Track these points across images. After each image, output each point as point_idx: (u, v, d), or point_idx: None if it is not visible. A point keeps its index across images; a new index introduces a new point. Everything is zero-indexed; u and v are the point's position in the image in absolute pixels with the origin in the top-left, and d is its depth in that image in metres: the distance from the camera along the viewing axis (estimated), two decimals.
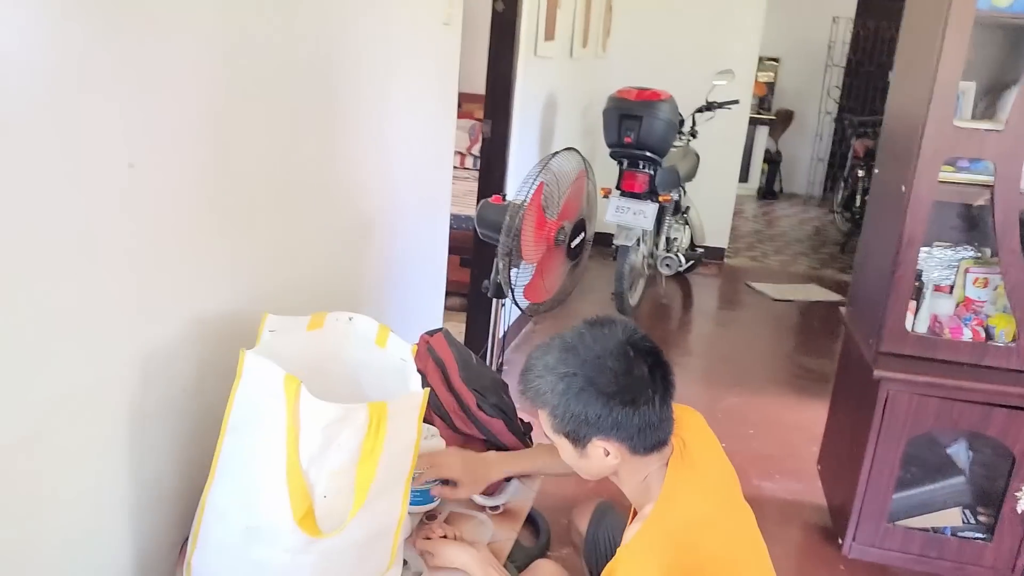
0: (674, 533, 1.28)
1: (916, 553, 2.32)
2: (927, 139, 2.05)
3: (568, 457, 1.38)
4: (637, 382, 1.28)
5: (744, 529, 1.43)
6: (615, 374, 1.27)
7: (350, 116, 1.91)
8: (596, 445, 1.31)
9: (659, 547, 1.26)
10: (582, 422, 1.29)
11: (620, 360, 1.28)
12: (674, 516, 1.30)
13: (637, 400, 1.27)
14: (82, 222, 1.14)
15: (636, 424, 1.28)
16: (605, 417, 1.28)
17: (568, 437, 1.33)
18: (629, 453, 1.32)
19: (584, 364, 1.29)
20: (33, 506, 1.15)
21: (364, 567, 1.36)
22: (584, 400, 1.28)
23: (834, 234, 7.61)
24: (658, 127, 4.12)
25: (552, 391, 1.30)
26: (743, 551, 1.40)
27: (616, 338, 1.30)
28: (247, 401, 1.28)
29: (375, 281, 2.23)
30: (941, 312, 2.36)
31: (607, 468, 1.36)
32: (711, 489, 1.40)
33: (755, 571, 1.42)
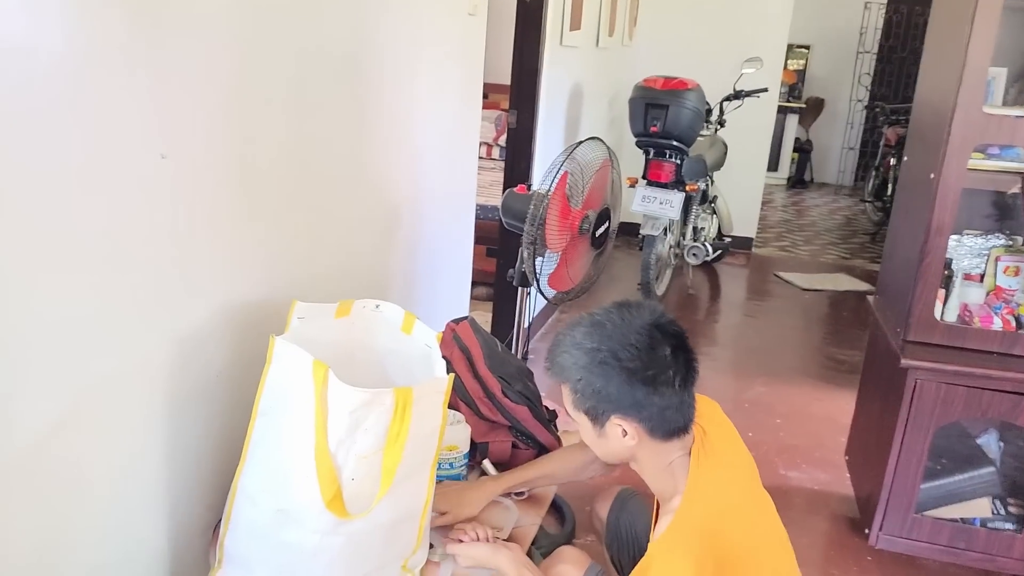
0: (704, 525, 1.28)
1: (944, 544, 2.30)
2: (956, 126, 2.03)
3: (587, 436, 1.39)
4: (659, 361, 1.29)
5: (766, 516, 1.44)
6: (637, 351, 1.28)
7: (376, 107, 1.94)
8: (614, 424, 1.32)
9: (691, 541, 1.26)
10: (601, 398, 1.30)
11: (644, 338, 1.29)
12: (703, 508, 1.30)
13: (657, 379, 1.28)
14: (117, 210, 1.17)
15: (655, 404, 1.29)
16: (625, 394, 1.28)
17: (588, 414, 1.34)
18: (647, 436, 1.32)
19: (608, 339, 1.30)
20: (70, 488, 1.19)
21: (391, 549, 1.39)
22: (604, 374, 1.29)
23: (865, 223, 7.52)
24: (685, 116, 4.10)
25: (575, 365, 1.32)
26: (766, 537, 1.41)
27: (643, 318, 1.31)
28: (277, 386, 1.31)
29: (402, 270, 2.26)
30: (971, 301, 2.33)
31: (625, 450, 1.36)
32: (734, 478, 1.40)
33: (778, 557, 1.42)
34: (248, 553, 1.37)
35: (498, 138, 5.38)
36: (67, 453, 1.17)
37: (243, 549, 1.37)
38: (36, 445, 1.10)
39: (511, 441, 1.81)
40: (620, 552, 1.75)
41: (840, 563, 2.40)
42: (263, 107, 1.49)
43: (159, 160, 1.23)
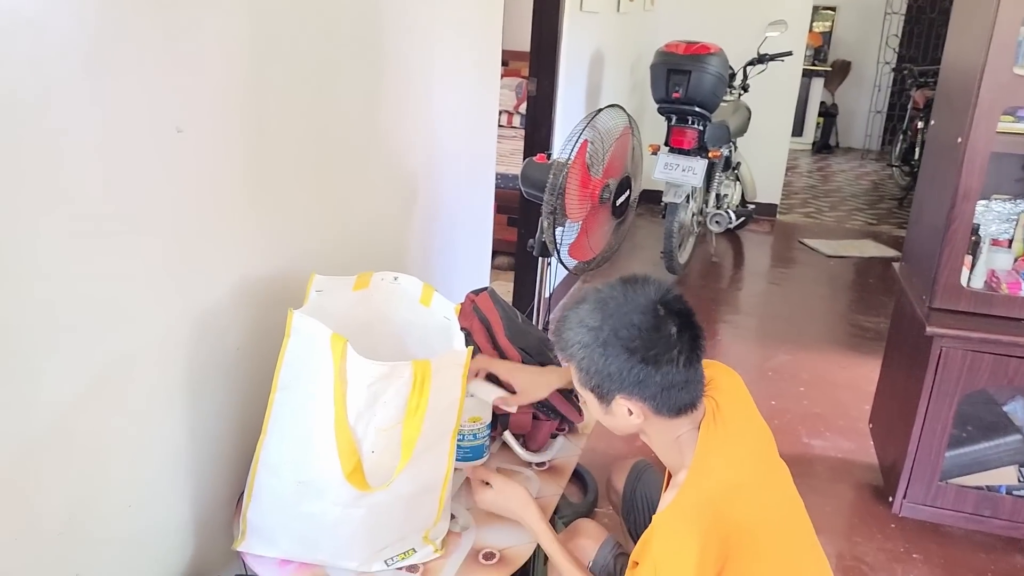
0: (709, 500, 1.28)
1: (969, 511, 2.29)
2: (985, 88, 1.98)
3: (595, 413, 1.38)
4: (662, 340, 1.27)
5: (780, 491, 1.42)
6: (640, 330, 1.26)
7: (393, 76, 1.92)
8: (619, 403, 1.31)
9: (694, 515, 1.26)
10: (605, 377, 1.29)
11: (647, 317, 1.27)
12: (708, 483, 1.29)
13: (660, 359, 1.26)
14: (134, 186, 1.18)
15: (658, 383, 1.27)
16: (627, 373, 1.27)
17: (593, 392, 1.33)
18: (653, 413, 1.31)
19: (611, 318, 1.28)
20: (96, 461, 1.20)
21: (412, 520, 1.40)
22: (607, 354, 1.28)
23: (892, 189, 7.41)
24: (707, 81, 4.04)
25: (579, 344, 1.30)
26: (779, 514, 1.39)
27: (648, 296, 1.29)
28: (296, 360, 1.32)
29: (421, 241, 2.25)
30: (998, 267, 2.29)
31: (632, 427, 1.36)
32: (745, 452, 1.39)
33: (792, 532, 1.41)
34: (271, 524, 1.39)
35: (518, 106, 5.33)
36: (91, 427, 1.18)
37: (266, 521, 1.39)
38: (62, 419, 1.12)
39: (532, 412, 1.81)
40: (636, 523, 1.75)
41: (864, 531, 2.40)
42: (279, 81, 1.48)
43: (175, 135, 1.23)
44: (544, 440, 1.83)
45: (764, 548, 1.33)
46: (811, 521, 1.44)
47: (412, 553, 1.42)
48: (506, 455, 1.79)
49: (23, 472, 1.08)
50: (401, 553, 1.41)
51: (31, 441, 1.08)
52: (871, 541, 2.35)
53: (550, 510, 1.64)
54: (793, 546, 1.41)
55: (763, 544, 1.33)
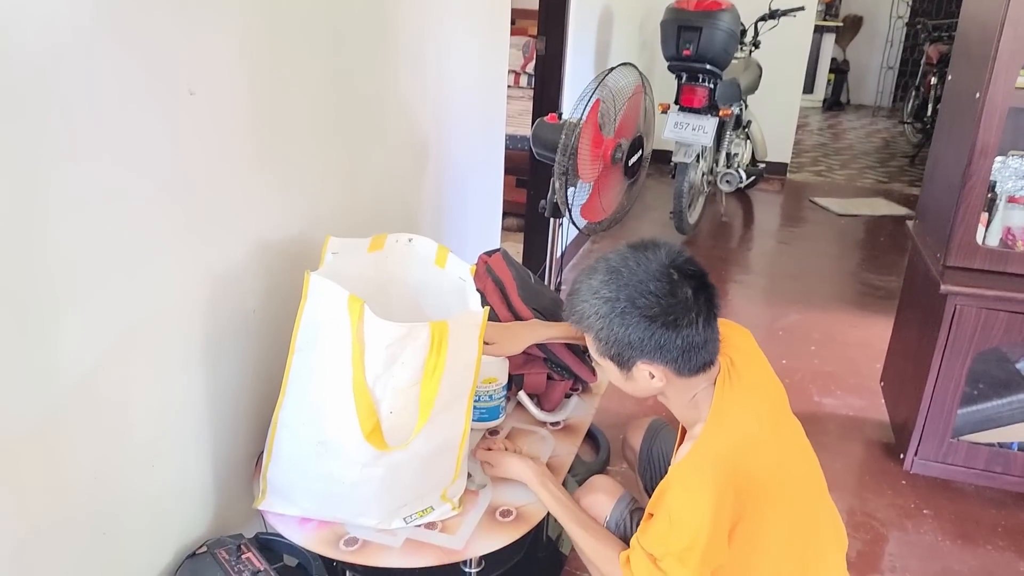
0: (725, 453, 1.30)
1: (980, 468, 2.30)
2: (1004, 41, 1.94)
3: (615, 379, 1.39)
4: (680, 304, 1.27)
5: (794, 445, 1.44)
6: (657, 297, 1.27)
7: (402, 36, 1.90)
8: (641, 368, 1.32)
9: (711, 466, 1.28)
10: (625, 346, 1.30)
11: (663, 282, 1.28)
12: (724, 436, 1.31)
13: (679, 322, 1.27)
14: (148, 148, 1.17)
15: (679, 346, 1.28)
16: (648, 340, 1.28)
17: (613, 360, 1.34)
18: (674, 375, 1.32)
19: (626, 287, 1.28)
20: (119, 421, 1.22)
21: (430, 479, 1.41)
22: (627, 323, 1.28)
23: (904, 146, 7.34)
24: (718, 38, 3.98)
25: (596, 315, 1.31)
26: (793, 467, 1.41)
27: (660, 261, 1.29)
28: (313, 322, 1.32)
29: (432, 202, 2.25)
30: (1015, 224, 2.27)
31: (653, 390, 1.37)
32: (759, 407, 1.40)
33: (805, 486, 1.43)
34: (291, 484, 1.41)
35: (526, 65, 5.27)
36: (114, 388, 1.19)
37: (286, 480, 1.41)
38: (85, 380, 1.13)
39: (546, 373, 1.82)
40: (652, 480, 1.77)
41: (874, 487, 2.41)
42: (291, 43, 1.47)
43: (188, 97, 1.22)
44: (558, 400, 1.84)
45: (778, 501, 1.35)
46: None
47: (430, 511, 1.44)
48: (521, 415, 1.81)
49: (48, 433, 1.09)
50: (419, 511, 1.43)
51: (57, 402, 1.09)
52: (881, 497, 2.37)
53: (565, 468, 1.65)
54: (807, 499, 1.43)
55: (777, 497, 1.34)
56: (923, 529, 2.25)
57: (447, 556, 1.38)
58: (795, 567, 1.40)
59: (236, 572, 1.34)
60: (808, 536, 1.42)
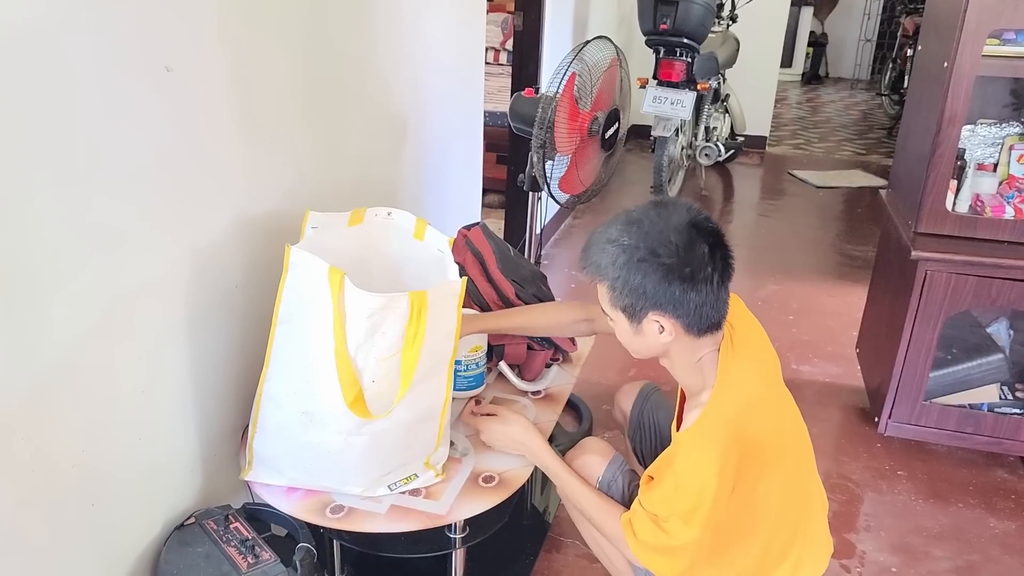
0: (731, 418, 1.33)
1: (952, 429, 2.36)
2: (971, 10, 1.97)
3: (623, 333, 1.40)
4: (697, 258, 1.29)
5: (788, 408, 1.48)
6: (676, 247, 1.28)
7: (378, 12, 1.91)
8: (651, 320, 1.33)
9: (719, 432, 1.31)
10: (640, 295, 1.31)
11: (682, 235, 1.29)
12: (730, 402, 1.34)
13: (696, 276, 1.28)
14: (126, 125, 1.18)
15: (693, 301, 1.29)
16: (663, 290, 1.29)
17: (625, 312, 1.35)
18: (683, 331, 1.33)
19: (646, 236, 1.30)
20: (104, 396, 1.24)
21: (413, 447, 1.45)
22: (643, 271, 1.29)
23: (881, 118, 7.40)
24: (695, 12, 3.99)
25: (613, 263, 1.32)
26: (788, 430, 1.46)
27: (680, 216, 1.31)
28: (295, 294, 1.35)
29: (412, 178, 2.27)
30: (983, 191, 2.32)
31: (660, 346, 1.38)
32: (761, 371, 1.44)
33: (799, 449, 1.49)
34: (276, 454, 1.44)
35: (505, 42, 5.25)
36: (98, 363, 1.21)
37: (271, 450, 1.44)
38: (70, 356, 1.15)
39: (526, 343, 1.85)
40: (642, 443, 1.81)
41: (850, 450, 2.47)
42: (269, 19, 1.47)
43: (165, 74, 1.24)
44: (539, 370, 1.87)
45: (777, 463, 1.40)
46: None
47: (414, 478, 1.47)
48: (502, 385, 1.84)
49: (36, 407, 1.11)
50: (404, 478, 1.46)
51: (42, 377, 1.11)
52: (857, 460, 2.43)
53: (546, 436, 1.69)
54: (800, 462, 1.48)
55: (776, 459, 1.39)
56: (897, 489, 2.31)
57: (431, 521, 1.41)
58: (789, 529, 1.45)
59: (224, 542, 1.37)
60: (801, 498, 1.48)
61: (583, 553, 1.99)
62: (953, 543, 2.11)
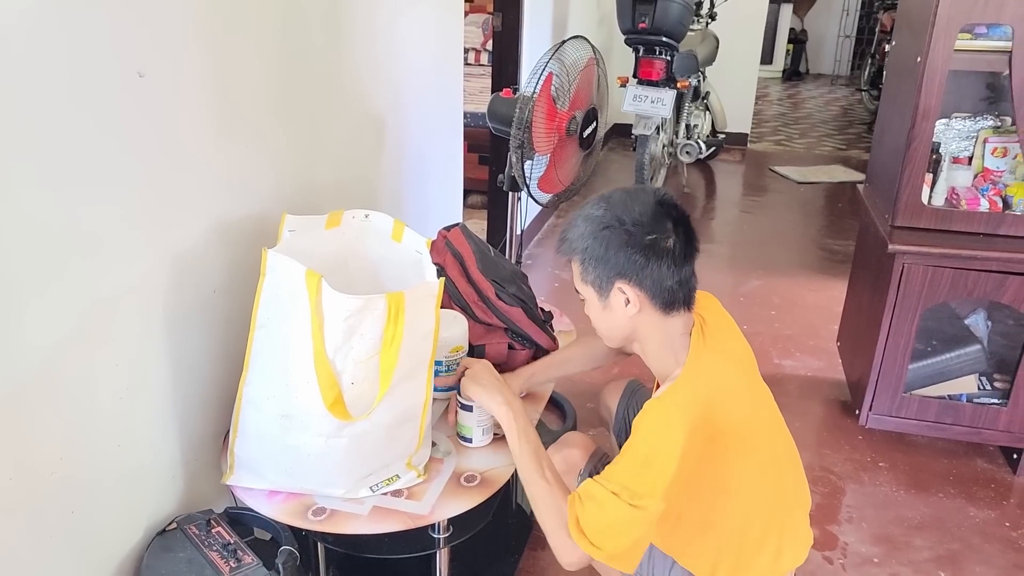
0: (700, 396, 1.34)
1: (932, 420, 2.38)
2: (942, 6, 2.00)
3: (593, 311, 1.43)
4: (660, 229, 1.33)
5: (764, 403, 1.49)
6: (640, 217, 1.33)
7: (355, 12, 1.91)
8: (617, 291, 1.36)
9: (687, 405, 1.32)
10: (604, 263, 1.35)
11: (647, 208, 1.34)
12: (701, 381, 1.36)
13: (657, 245, 1.32)
14: (100, 131, 1.18)
15: (654, 271, 1.33)
16: (625, 257, 1.33)
17: (593, 285, 1.39)
18: (649, 304, 1.36)
19: (613, 207, 1.36)
20: (83, 402, 1.24)
21: (394, 448, 1.45)
22: (607, 239, 1.34)
23: (861, 113, 7.45)
24: (673, 10, 4.01)
25: (581, 236, 1.38)
26: (763, 422, 1.47)
27: (649, 196, 1.37)
28: (273, 297, 1.35)
29: (392, 180, 2.27)
30: (959, 184, 2.35)
31: (627, 322, 1.39)
32: (733, 363, 1.46)
33: (775, 442, 1.49)
34: (258, 458, 1.44)
35: (485, 43, 5.27)
36: (77, 370, 1.21)
37: (252, 454, 1.44)
38: (48, 362, 1.15)
39: (507, 342, 1.85)
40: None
41: (832, 443, 2.49)
42: (242, 22, 1.47)
43: (137, 79, 1.24)
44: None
45: (747, 451, 1.41)
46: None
47: (396, 479, 1.47)
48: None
49: (14, 414, 1.11)
50: (385, 479, 1.46)
51: (20, 384, 1.11)
52: (839, 452, 2.45)
53: None
54: (774, 455, 1.49)
55: (746, 447, 1.40)
56: (879, 481, 2.33)
57: (413, 521, 1.42)
58: (764, 520, 1.46)
59: (206, 546, 1.37)
60: (776, 490, 1.48)
61: None
62: (934, 533, 2.13)
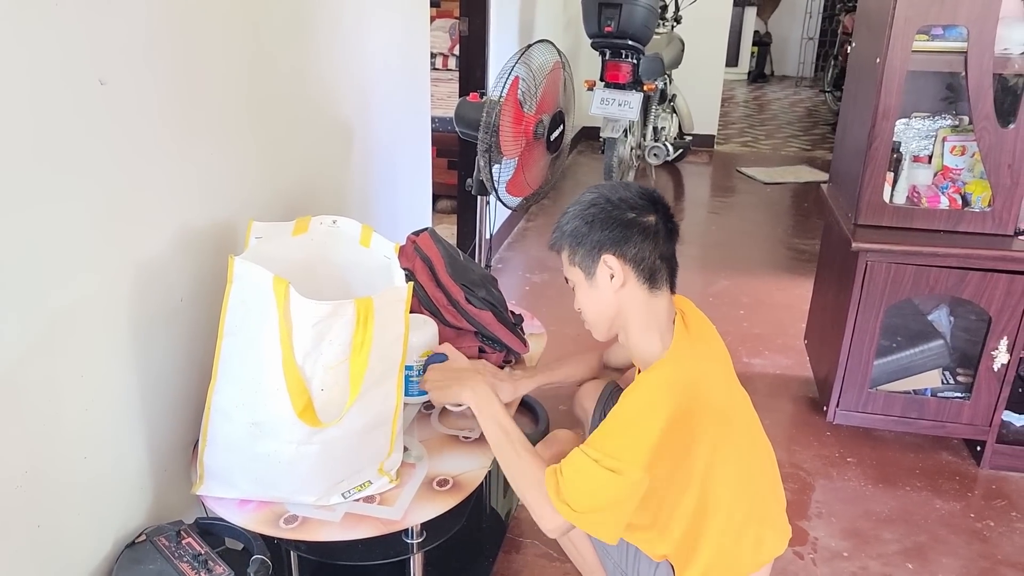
0: (686, 376, 1.39)
1: (897, 415, 2.42)
2: (899, 8, 2.04)
3: (580, 293, 1.48)
4: (642, 209, 1.41)
5: (741, 399, 1.52)
6: (623, 198, 1.42)
7: (319, 18, 1.91)
8: (602, 267, 1.41)
9: (673, 382, 1.37)
10: (588, 240, 1.41)
11: (634, 193, 1.43)
12: (686, 364, 1.41)
13: (639, 218, 1.40)
14: (62, 140, 1.17)
15: (636, 242, 1.39)
16: (609, 231, 1.40)
17: (580, 265, 1.44)
18: (634, 277, 1.41)
19: (599, 191, 1.45)
20: (47, 415, 1.22)
21: (366, 454, 1.45)
22: (591, 217, 1.41)
23: (826, 114, 7.56)
24: (639, 14, 4.05)
25: (570, 219, 1.45)
26: (742, 414, 1.51)
27: (635, 186, 1.47)
28: (240, 305, 1.34)
29: (360, 185, 2.26)
30: (919, 182, 2.39)
31: (613, 298, 1.43)
32: (713, 353, 1.51)
33: (752, 432, 1.53)
34: (228, 466, 1.43)
35: (453, 48, 5.27)
36: (40, 382, 1.19)
37: (222, 463, 1.43)
38: (10, 375, 1.13)
39: (478, 346, 1.86)
40: None
41: (801, 440, 2.53)
42: (204, 28, 1.47)
43: (98, 87, 1.22)
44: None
45: (730, 435, 1.44)
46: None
47: (368, 485, 1.47)
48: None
49: None
50: (357, 486, 1.46)
51: None
52: (808, 449, 2.49)
53: None
54: (754, 442, 1.53)
55: (728, 431, 1.44)
56: (847, 476, 2.37)
57: (386, 527, 1.41)
58: (747, 505, 1.48)
59: (176, 558, 1.36)
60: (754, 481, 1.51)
61: (542, 553, 2.01)
62: (901, 525, 2.16)
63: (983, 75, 2.08)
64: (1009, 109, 2.20)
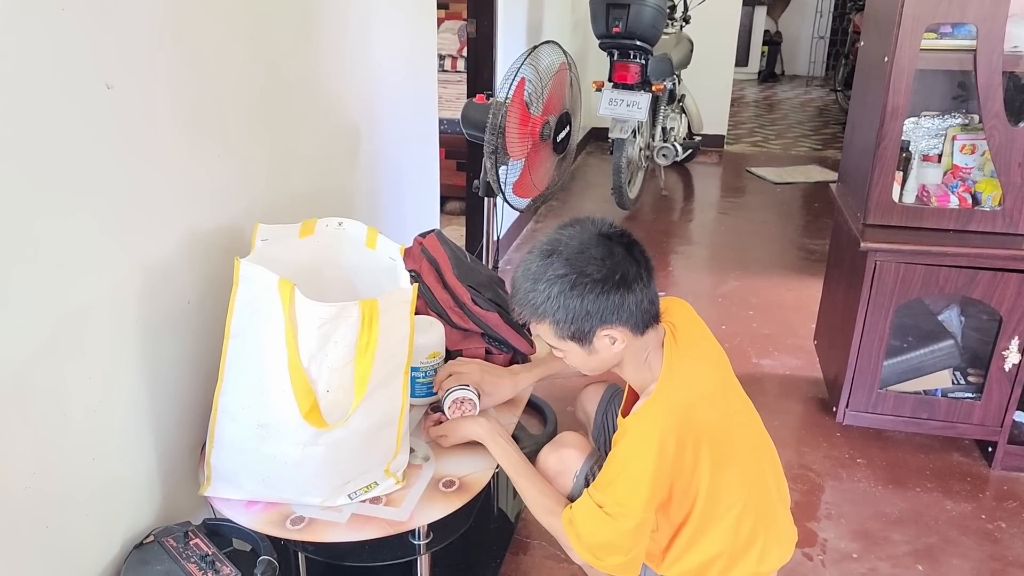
0: (677, 404, 1.37)
1: (907, 415, 2.40)
2: (908, 6, 2.03)
3: (576, 360, 1.43)
4: (621, 263, 1.33)
5: (740, 403, 1.52)
6: (600, 260, 1.32)
7: (324, 21, 1.91)
8: (601, 336, 1.36)
9: (661, 417, 1.36)
10: (584, 317, 1.33)
11: (599, 248, 1.33)
12: (676, 390, 1.39)
13: (627, 278, 1.33)
14: (70, 143, 1.18)
15: (632, 303, 1.33)
16: (604, 303, 1.32)
17: (574, 339, 1.37)
18: (632, 335, 1.37)
19: (568, 262, 1.33)
20: (55, 417, 1.23)
21: (372, 455, 1.45)
22: (580, 294, 1.32)
23: (836, 113, 7.52)
24: (647, 14, 4.04)
25: (547, 299, 1.34)
26: (741, 422, 1.51)
27: (588, 231, 1.36)
28: (246, 307, 1.34)
29: (368, 188, 2.27)
30: (929, 181, 2.38)
31: (615, 357, 1.41)
32: (705, 367, 1.49)
33: (752, 439, 1.52)
34: (234, 468, 1.44)
35: (462, 50, 5.27)
36: (48, 384, 1.20)
37: (229, 464, 1.44)
38: (18, 377, 1.14)
39: (484, 347, 1.86)
40: (606, 444, 1.83)
41: (811, 441, 2.51)
42: (211, 31, 1.47)
43: (105, 91, 1.23)
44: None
45: (731, 451, 1.44)
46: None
47: (374, 486, 1.47)
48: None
49: None
50: (363, 487, 1.47)
51: None
52: (817, 450, 2.47)
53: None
54: (756, 450, 1.53)
55: (729, 447, 1.43)
56: (857, 477, 2.35)
57: (392, 528, 1.42)
58: (753, 517, 1.48)
59: (184, 558, 1.37)
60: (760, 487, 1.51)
61: (550, 554, 2.01)
62: (912, 527, 2.15)
63: (992, 73, 2.06)
64: (1019, 107, 2.19)
